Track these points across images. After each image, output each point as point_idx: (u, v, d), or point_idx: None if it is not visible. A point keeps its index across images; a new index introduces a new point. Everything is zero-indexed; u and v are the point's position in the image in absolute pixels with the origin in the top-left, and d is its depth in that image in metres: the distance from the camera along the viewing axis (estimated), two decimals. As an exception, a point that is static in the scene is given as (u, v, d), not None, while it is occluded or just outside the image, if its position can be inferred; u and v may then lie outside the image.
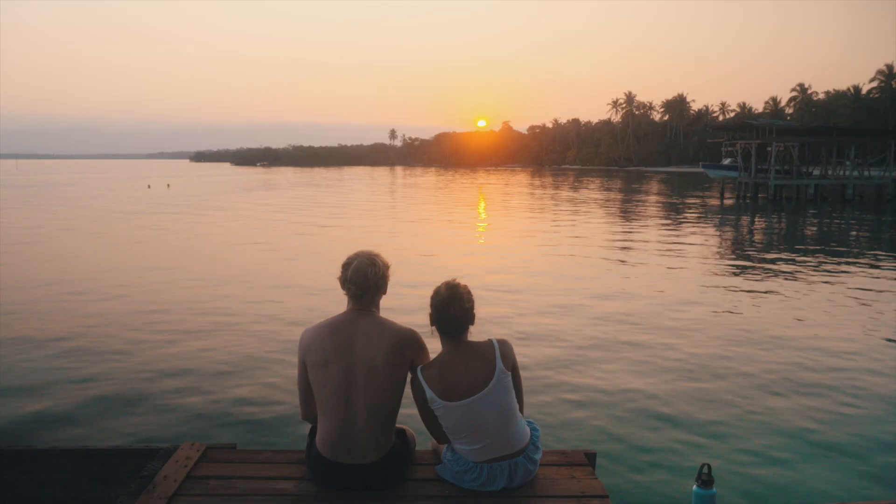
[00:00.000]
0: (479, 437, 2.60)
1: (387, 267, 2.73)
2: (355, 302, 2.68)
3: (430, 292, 2.71)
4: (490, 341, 2.65)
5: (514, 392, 2.68)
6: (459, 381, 2.57)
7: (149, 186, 53.19)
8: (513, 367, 2.68)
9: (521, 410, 2.75)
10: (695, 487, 2.56)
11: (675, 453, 4.82)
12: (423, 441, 3.13)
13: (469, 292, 2.68)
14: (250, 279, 11.89)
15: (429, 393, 2.58)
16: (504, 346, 2.66)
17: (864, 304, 10.02)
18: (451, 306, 2.61)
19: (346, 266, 2.71)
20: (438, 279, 2.76)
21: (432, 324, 2.67)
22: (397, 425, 2.81)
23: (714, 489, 2.54)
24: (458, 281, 2.69)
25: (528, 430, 2.75)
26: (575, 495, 2.64)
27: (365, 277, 2.64)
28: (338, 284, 2.72)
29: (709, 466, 2.56)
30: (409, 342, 2.65)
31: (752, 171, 40.60)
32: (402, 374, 2.65)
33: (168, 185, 54.11)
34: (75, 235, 19.28)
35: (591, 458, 3.02)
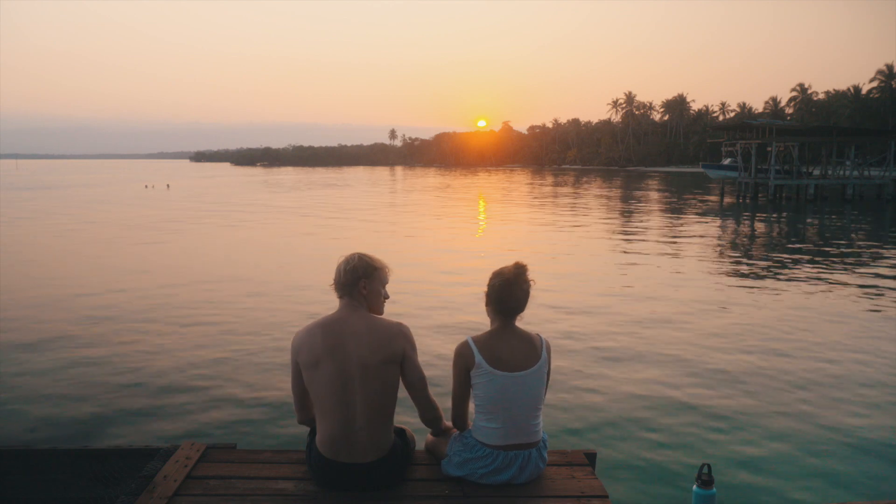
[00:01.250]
0: (508, 416, 2.64)
1: (369, 266, 2.71)
2: (338, 296, 2.73)
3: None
4: (538, 335, 2.76)
5: (545, 387, 2.75)
6: (508, 354, 2.65)
7: (146, 187, 53.29)
8: (549, 366, 2.76)
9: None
10: (695, 487, 2.56)
11: (676, 453, 4.83)
12: (423, 442, 3.13)
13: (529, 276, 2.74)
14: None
15: (477, 357, 2.63)
16: (548, 344, 2.77)
17: (865, 304, 10.02)
18: (517, 286, 2.67)
19: None
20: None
21: (489, 303, 2.73)
22: (397, 425, 2.81)
23: (714, 489, 2.54)
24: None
25: (542, 429, 2.81)
26: (575, 495, 2.64)
27: (336, 272, 2.72)
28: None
29: (709, 466, 2.56)
30: (397, 336, 2.64)
31: (752, 171, 40.60)
32: (395, 369, 2.65)
33: (168, 186, 54.09)
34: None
35: (591, 458, 3.02)
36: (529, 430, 2.68)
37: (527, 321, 2.77)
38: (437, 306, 9.65)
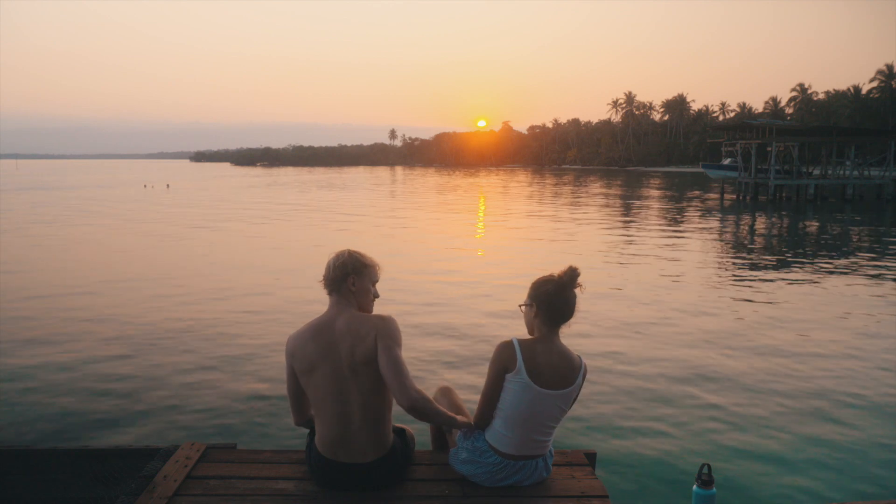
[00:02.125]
0: (525, 429, 2.62)
1: (359, 262, 2.70)
2: (327, 292, 2.70)
3: None
4: (579, 357, 2.69)
5: (568, 409, 2.73)
6: (546, 368, 2.59)
7: (145, 186, 53.30)
8: (580, 391, 2.72)
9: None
10: (695, 487, 2.55)
11: (675, 453, 4.82)
12: (424, 442, 3.13)
13: None
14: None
15: (519, 361, 2.56)
16: (587, 370, 2.71)
17: (864, 305, 10.02)
18: (570, 290, 2.61)
19: None
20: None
21: (538, 312, 2.64)
22: (397, 425, 2.81)
23: (714, 489, 2.54)
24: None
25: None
26: (575, 495, 2.64)
27: (326, 268, 2.70)
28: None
29: (709, 466, 2.56)
30: (371, 331, 2.57)
31: (752, 171, 40.61)
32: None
33: (168, 186, 54.05)
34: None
35: (591, 458, 3.02)
36: (541, 444, 2.69)
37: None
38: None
